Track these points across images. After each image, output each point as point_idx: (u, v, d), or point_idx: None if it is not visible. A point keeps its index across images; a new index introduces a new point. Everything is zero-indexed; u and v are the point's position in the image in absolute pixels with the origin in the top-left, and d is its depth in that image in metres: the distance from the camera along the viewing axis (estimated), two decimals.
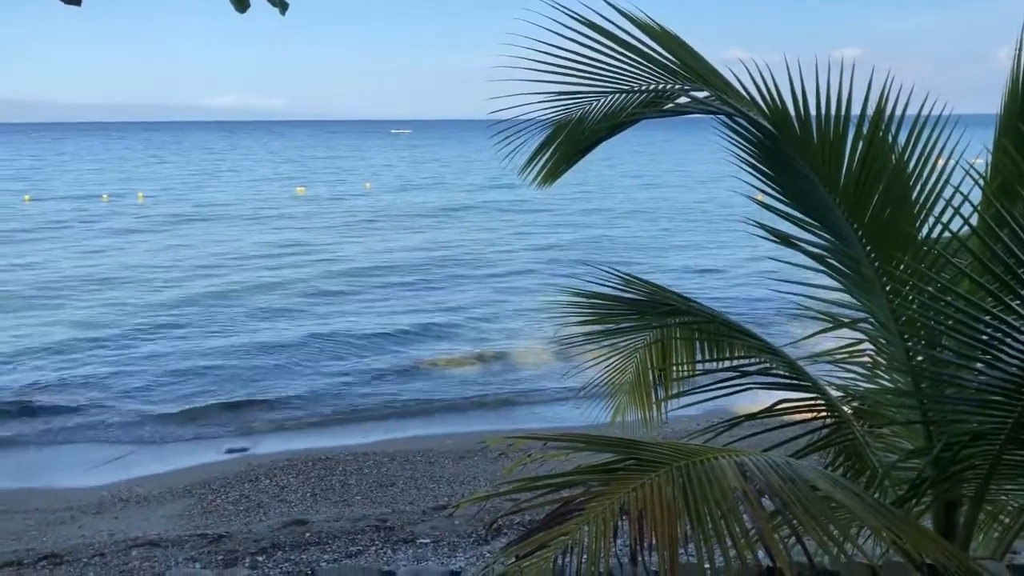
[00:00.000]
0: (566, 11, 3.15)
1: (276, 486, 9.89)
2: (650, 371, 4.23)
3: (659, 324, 4.04)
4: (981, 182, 2.84)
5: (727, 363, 3.73)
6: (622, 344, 4.27)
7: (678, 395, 4.09)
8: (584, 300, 4.02)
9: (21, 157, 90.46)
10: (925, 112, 2.99)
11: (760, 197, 3.38)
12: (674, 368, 4.09)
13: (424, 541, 7.33)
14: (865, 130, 2.88)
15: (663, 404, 4.29)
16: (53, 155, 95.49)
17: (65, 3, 3.46)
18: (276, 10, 3.79)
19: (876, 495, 3.11)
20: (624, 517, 2.22)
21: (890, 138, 2.92)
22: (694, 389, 3.70)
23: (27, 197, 45.99)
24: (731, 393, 3.40)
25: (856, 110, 2.91)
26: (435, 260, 26.96)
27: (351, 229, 34.73)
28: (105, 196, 46.77)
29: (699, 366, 4.00)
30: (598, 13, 3.18)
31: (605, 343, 4.20)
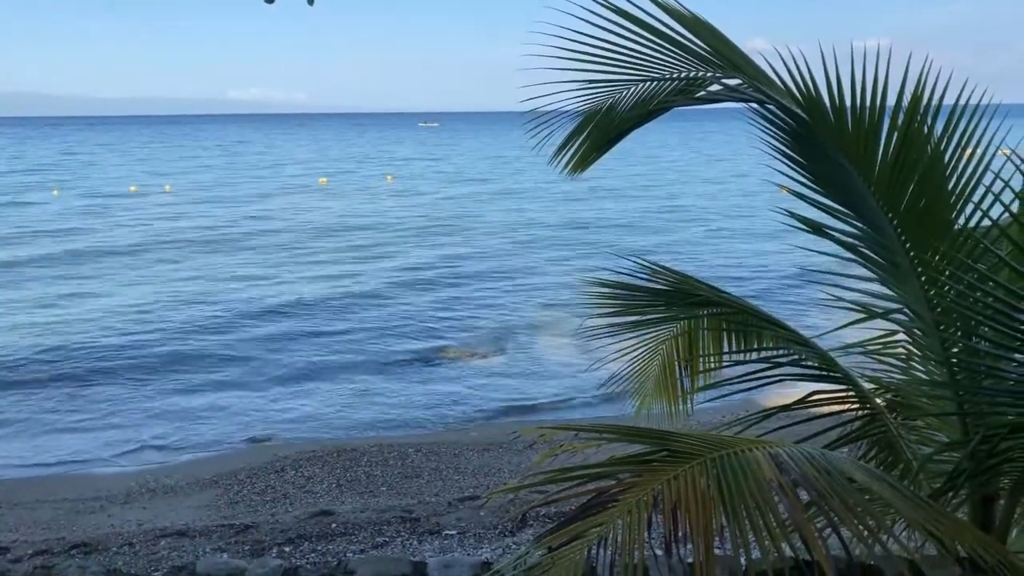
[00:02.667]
0: None
1: (302, 477, 9.96)
2: (677, 363, 4.20)
3: (687, 315, 4.01)
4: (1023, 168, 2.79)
5: (756, 354, 3.69)
6: (649, 335, 4.24)
7: (707, 387, 4.06)
8: (610, 290, 3.99)
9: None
10: (963, 100, 2.93)
11: (784, 191, 3.33)
12: (701, 360, 4.05)
13: (450, 532, 7.34)
14: (901, 119, 2.84)
15: (690, 396, 4.26)
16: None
17: None
18: (303, 1, 3.80)
19: (911, 488, 3.06)
20: (658, 508, 2.21)
21: (926, 127, 2.87)
22: (723, 381, 3.67)
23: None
24: (761, 385, 3.37)
25: (891, 99, 2.86)
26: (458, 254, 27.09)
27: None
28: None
29: (730, 357, 3.97)
30: (628, 0, 3.15)
31: (631, 334, 4.17)
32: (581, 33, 3.21)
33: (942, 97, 2.89)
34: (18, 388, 13.97)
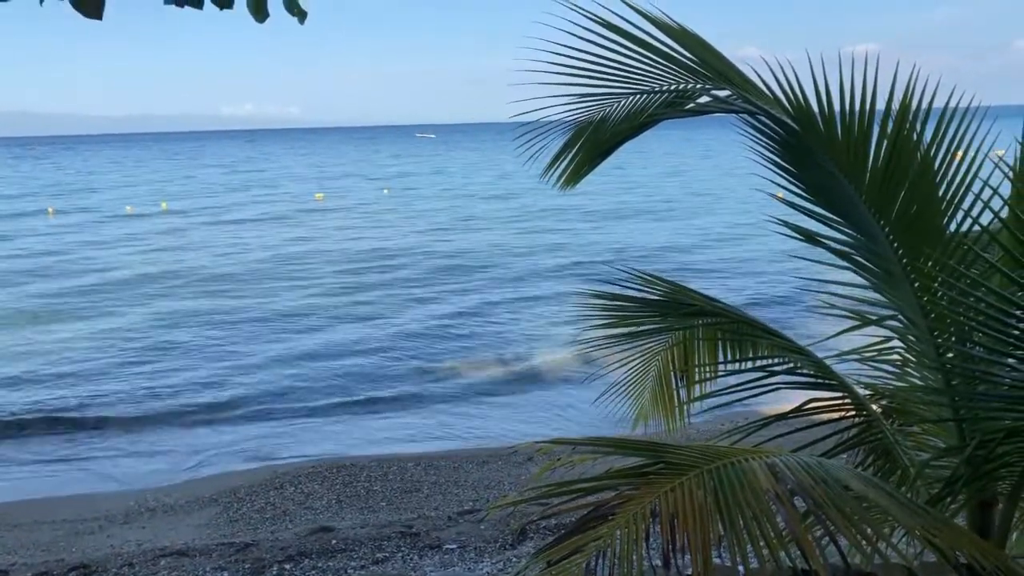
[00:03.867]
0: (584, 13, 3.14)
1: (301, 493, 9.93)
2: (672, 373, 4.20)
3: (681, 326, 4.02)
4: (1011, 174, 2.80)
5: (752, 363, 3.70)
6: (643, 346, 4.25)
7: (702, 397, 4.07)
8: (604, 302, 4.00)
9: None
10: (952, 104, 2.95)
11: (781, 195, 3.35)
12: (697, 370, 4.06)
13: (451, 547, 7.33)
14: (890, 126, 2.85)
15: (687, 406, 4.27)
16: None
17: (86, 16, 3.49)
18: (295, 19, 3.81)
19: (908, 494, 3.07)
20: (656, 520, 2.21)
21: (915, 134, 2.89)
22: (719, 391, 3.68)
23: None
24: (757, 394, 3.37)
25: (880, 104, 2.88)
26: (458, 262, 27.11)
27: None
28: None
29: (725, 367, 3.97)
30: (616, 14, 3.17)
31: (627, 345, 4.18)
32: (571, 48, 3.23)
33: (931, 102, 2.91)
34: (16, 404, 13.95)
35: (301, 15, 3.64)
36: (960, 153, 2.95)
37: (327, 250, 30.86)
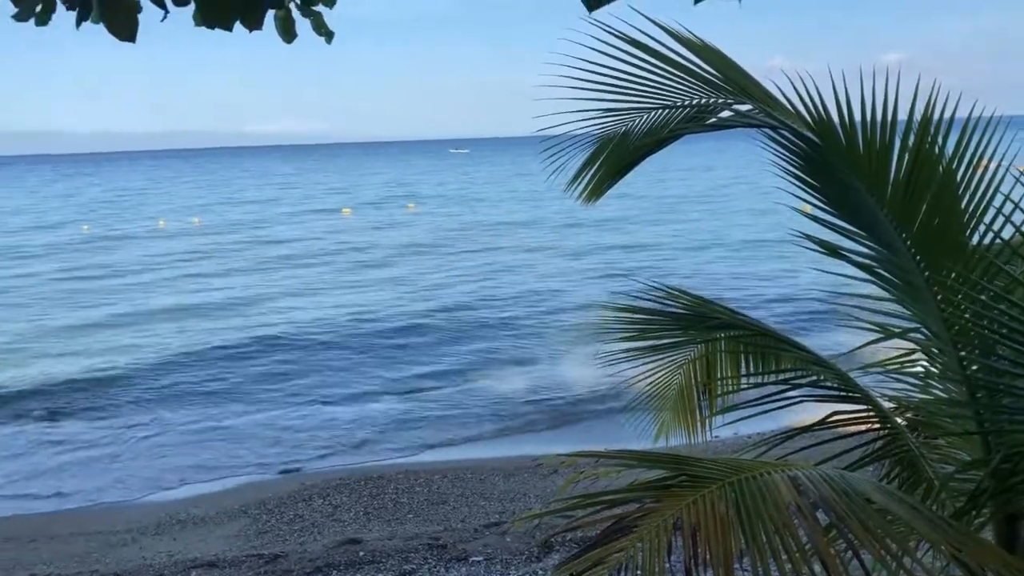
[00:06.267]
0: (608, 29, 3.18)
1: (329, 505, 10.00)
2: (695, 386, 4.21)
3: (704, 339, 4.03)
4: None
5: (775, 376, 3.70)
6: (666, 359, 4.26)
7: (725, 410, 4.06)
8: (626, 315, 4.02)
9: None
10: (974, 116, 2.95)
11: (808, 208, 3.36)
12: (720, 383, 4.06)
13: (477, 559, 7.35)
14: (912, 139, 2.86)
15: (709, 420, 4.27)
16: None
17: (119, 39, 3.59)
18: (322, 39, 3.89)
19: (933, 507, 3.06)
20: (678, 533, 2.23)
21: (937, 147, 2.89)
22: (742, 404, 3.68)
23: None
24: (780, 407, 3.37)
25: (903, 115, 2.89)
26: (483, 275, 27.20)
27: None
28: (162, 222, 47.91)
29: (748, 380, 3.97)
30: (639, 29, 3.21)
31: (649, 359, 4.19)
32: (594, 63, 3.28)
33: (953, 113, 2.91)
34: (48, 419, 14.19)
35: (328, 35, 3.72)
36: (987, 163, 2.95)
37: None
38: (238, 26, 3.23)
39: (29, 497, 11.18)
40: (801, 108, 2.93)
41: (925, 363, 3.26)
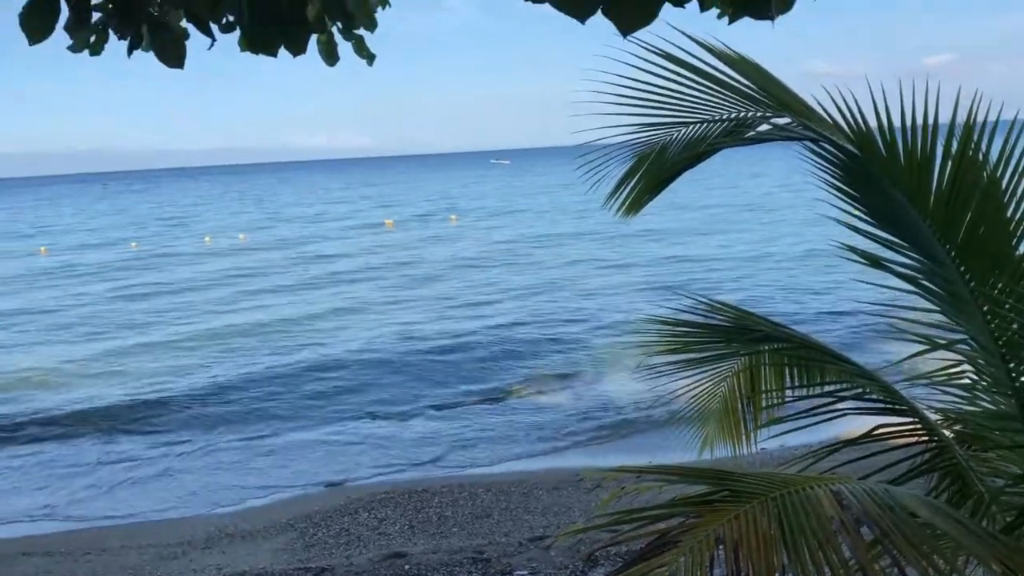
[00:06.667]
0: (644, 45, 3.21)
1: (375, 519, 10.08)
2: (739, 399, 4.19)
3: (747, 351, 4.01)
4: None
5: (820, 389, 3.67)
6: (710, 372, 4.25)
7: (769, 423, 4.04)
8: (669, 327, 4.02)
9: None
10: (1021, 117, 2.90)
11: (849, 221, 3.34)
12: (764, 395, 4.04)
13: (521, 573, 7.35)
14: (954, 147, 2.83)
15: (754, 433, 4.24)
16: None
17: (168, 67, 3.70)
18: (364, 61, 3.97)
19: (983, 522, 3.01)
20: (720, 548, 2.23)
21: (981, 154, 2.86)
22: (786, 417, 3.65)
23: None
24: (825, 420, 3.35)
25: (944, 118, 2.86)
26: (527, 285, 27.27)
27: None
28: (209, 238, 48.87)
29: (792, 392, 3.94)
30: (674, 44, 3.23)
31: (692, 371, 4.18)
32: (632, 78, 3.30)
33: (998, 116, 2.87)
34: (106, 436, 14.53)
35: (369, 58, 3.80)
36: None
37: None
38: (282, 50, 3.32)
39: (85, 512, 11.44)
40: (839, 119, 2.92)
41: (972, 375, 3.21)
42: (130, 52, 3.42)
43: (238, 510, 11.15)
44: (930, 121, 2.83)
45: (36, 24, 2.67)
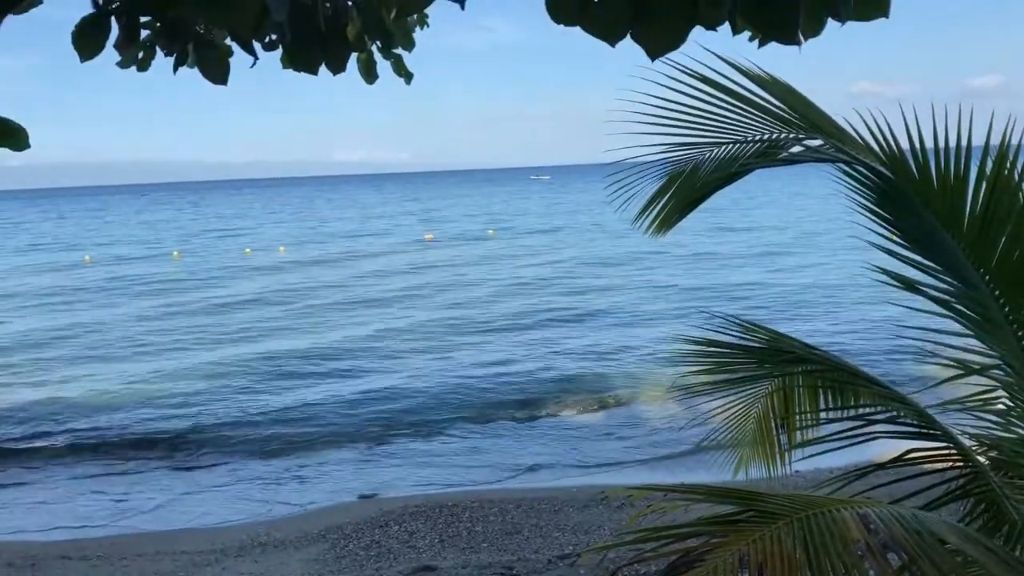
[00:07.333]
0: (678, 66, 3.24)
1: (405, 532, 10.10)
2: (773, 421, 4.17)
3: (781, 373, 4.00)
4: None
5: (852, 412, 3.65)
6: (743, 393, 4.24)
7: (803, 444, 4.02)
8: (703, 348, 4.02)
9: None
10: None
11: (885, 244, 3.32)
12: (797, 417, 4.02)
13: None
14: (988, 170, 2.82)
15: (787, 454, 4.22)
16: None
17: (213, 83, 3.80)
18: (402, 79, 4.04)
19: (1017, 550, 2.96)
20: (744, 568, 2.23)
21: (1016, 176, 2.84)
22: (819, 439, 3.63)
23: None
24: (857, 443, 3.33)
25: (978, 142, 2.85)
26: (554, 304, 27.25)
27: None
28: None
29: (826, 415, 3.92)
30: (707, 66, 3.26)
31: (726, 392, 4.18)
32: (665, 99, 3.33)
33: None
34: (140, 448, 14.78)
35: (407, 76, 3.87)
36: None
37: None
38: (323, 68, 3.40)
39: (122, 520, 11.63)
40: (872, 142, 2.92)
41: (1007, 400, 3.18)
42: (176, 68, 3.52)
43: (271, 519, 11.25)
44: (963, 144, 2.82)
45: (87, 42, 2.77)
